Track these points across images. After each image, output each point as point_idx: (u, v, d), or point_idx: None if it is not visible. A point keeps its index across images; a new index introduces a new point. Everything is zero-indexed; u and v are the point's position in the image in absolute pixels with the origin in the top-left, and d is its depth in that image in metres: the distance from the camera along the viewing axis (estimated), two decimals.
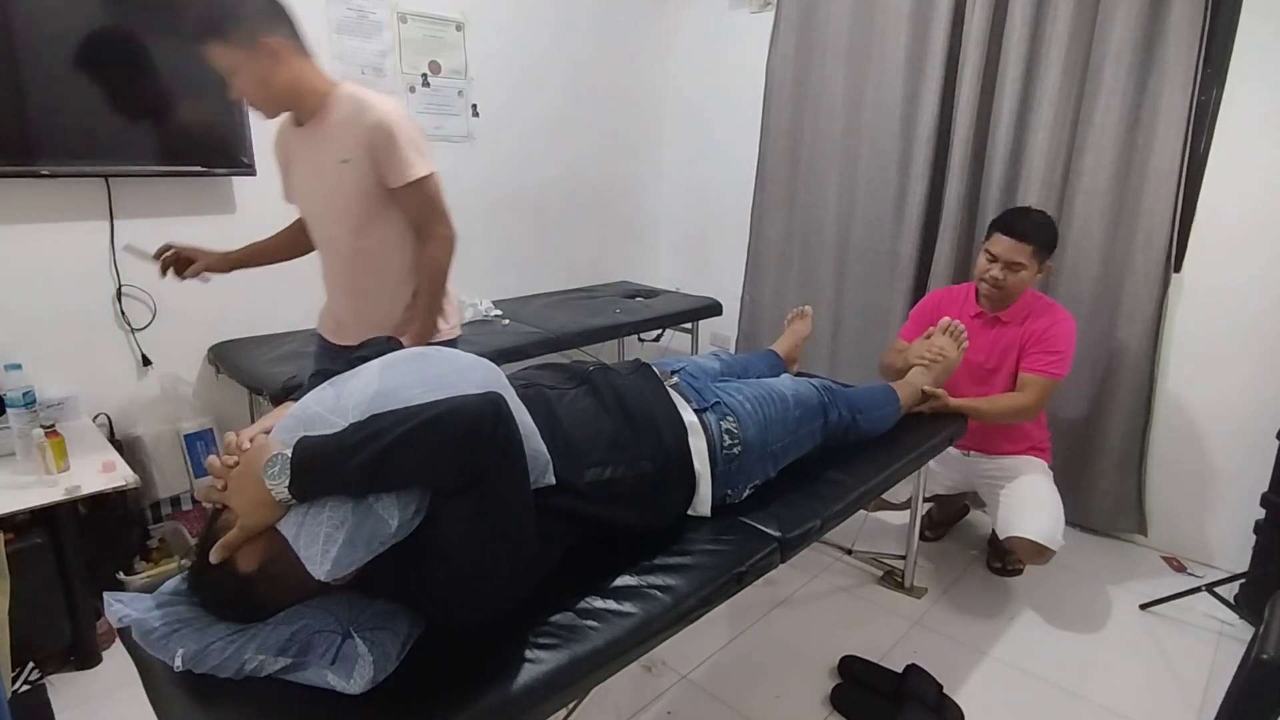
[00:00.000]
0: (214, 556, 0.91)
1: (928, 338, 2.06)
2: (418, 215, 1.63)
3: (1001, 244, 2.02)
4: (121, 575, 1.94)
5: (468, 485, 0.91)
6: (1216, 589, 2.05)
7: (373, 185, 1.57)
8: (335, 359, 1.26)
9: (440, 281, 1.68)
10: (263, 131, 2.24)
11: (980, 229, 2.61)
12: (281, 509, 0.90)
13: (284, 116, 1.65)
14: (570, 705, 1.10)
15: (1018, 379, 2.08)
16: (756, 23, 3.18)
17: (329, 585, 0.93)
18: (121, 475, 1.73)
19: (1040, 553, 1.97)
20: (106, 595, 0.97)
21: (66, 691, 1.72)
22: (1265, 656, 0.81)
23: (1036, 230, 2.01)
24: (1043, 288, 2.31)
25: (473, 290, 2.88)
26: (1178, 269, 2.31)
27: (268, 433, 1.00)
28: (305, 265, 2.29)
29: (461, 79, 2.83)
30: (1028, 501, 2.04)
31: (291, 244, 1.86)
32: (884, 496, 2.11)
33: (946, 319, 2.04)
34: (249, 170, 2.21)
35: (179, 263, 1.75)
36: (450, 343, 1.74)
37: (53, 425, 1.78)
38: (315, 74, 1.57)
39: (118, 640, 1.79)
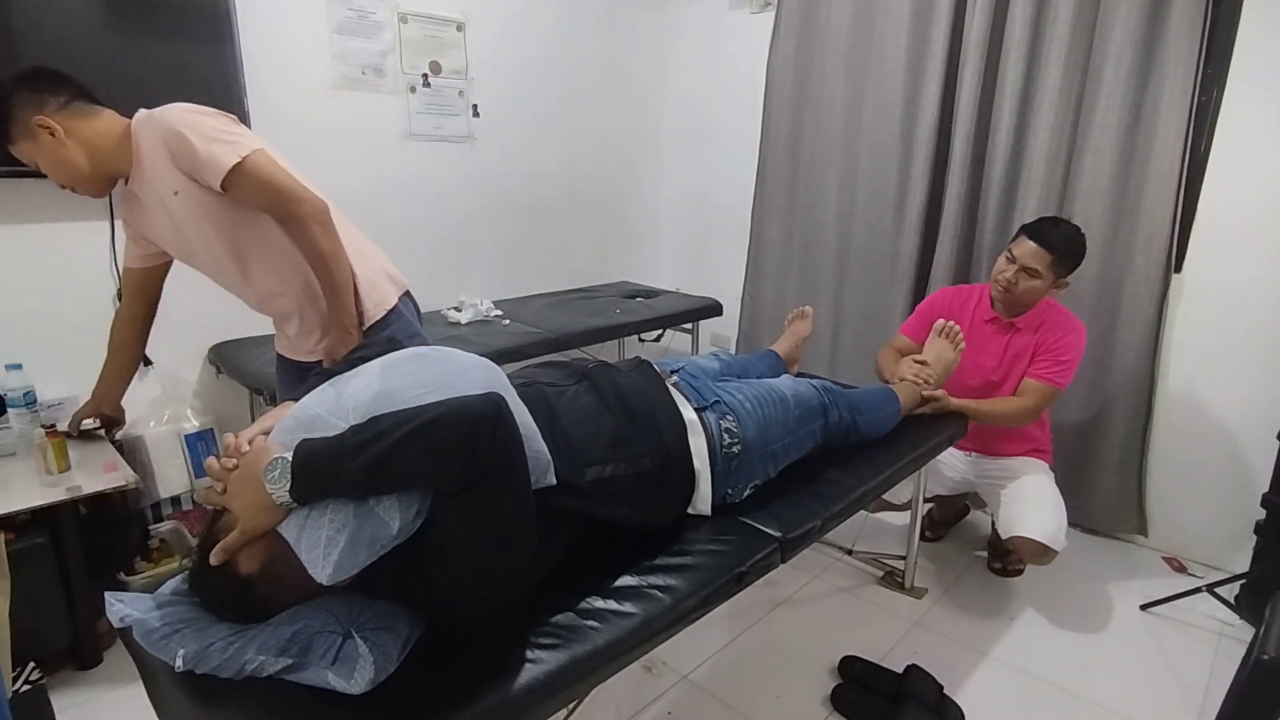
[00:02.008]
0: (214, 559, 0.91)
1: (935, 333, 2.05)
2: (261, 204, 1.44)
3: (1024, 247, 1.99)
4: (122, 575, 1.94)
5: (468, 486, 0.91)
6: (1217, 589, 2.05)
7: (211, 198, 1.42)
8: (302, 373, 1.22)
9: (331, 264, 1.46)
10: (264, 131, 2.24)
11: (980, 230, 2.61)
12: (282, 512, 0.90)
13: (120, 189, 1.51)
14: (570, 705, 1.10)
15: (1020, 383, 2.08)
16: (756, 23, 3.18)
17: (329, 586, 0.93)
18: (122, 475, 1.73)
19: (1043, 553, 1.97)
20: (107, 595, 0.97)
21: (67, 691, 1.72)
22: (1266, 657, 0.81)
23: (1062, 240, 1.97)
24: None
25: (473, 290, 2.89)
26: (1178, 269, 2.31)
27: (267, 434, 1.00)
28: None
29: (462, 79, 2.83)
30: (1030, 501, 2.04)
31: (131, 338, 1.75)
32: (884, 497, 2.12)
33: (941, 321, 2.03)
34: None
35: (106, 425, 1.85)
36: (382, 322, 1.58)
37: (53, 425, 1.78)
38: (108, 126, 1.43)
39: (118, 640, 1.79)
